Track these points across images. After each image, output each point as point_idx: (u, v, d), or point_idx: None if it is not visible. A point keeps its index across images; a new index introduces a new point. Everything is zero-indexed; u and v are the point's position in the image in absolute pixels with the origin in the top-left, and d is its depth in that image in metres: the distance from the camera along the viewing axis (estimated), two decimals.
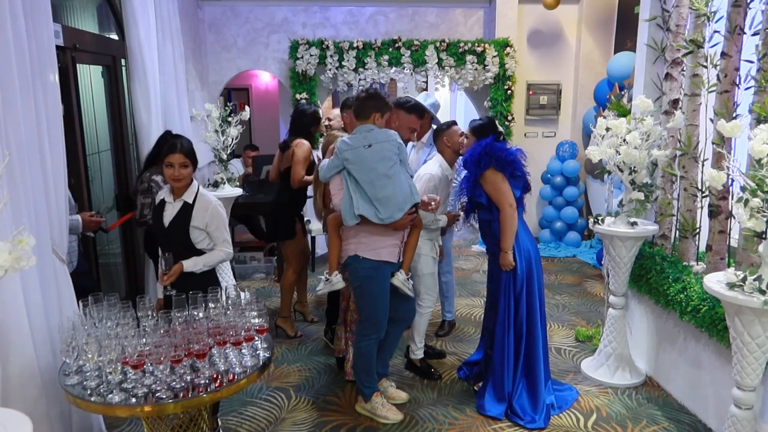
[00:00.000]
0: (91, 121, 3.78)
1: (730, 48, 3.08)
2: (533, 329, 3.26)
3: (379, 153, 2.90)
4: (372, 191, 2.88)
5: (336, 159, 2.98)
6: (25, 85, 2.38)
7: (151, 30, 4.04)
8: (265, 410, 3.39)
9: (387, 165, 2.90)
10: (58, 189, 2.67)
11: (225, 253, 2.81)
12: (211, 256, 2.77)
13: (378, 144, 2.91)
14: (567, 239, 6.78)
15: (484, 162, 3.16)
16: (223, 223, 2.79)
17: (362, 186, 2.89)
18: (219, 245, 2.79)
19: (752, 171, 2.32)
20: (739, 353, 2.46)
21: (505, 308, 3.26)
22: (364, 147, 2.90)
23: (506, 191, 3.16)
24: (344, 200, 2.94)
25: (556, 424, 3.20)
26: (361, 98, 3.04)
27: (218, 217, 2.76)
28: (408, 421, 3.24)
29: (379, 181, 2.88)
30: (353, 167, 2.91)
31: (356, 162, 2.90)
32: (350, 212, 2.91)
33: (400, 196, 2.92)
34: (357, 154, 2.90)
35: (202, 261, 2.74)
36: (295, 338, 4.35)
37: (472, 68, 6.20)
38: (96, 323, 2.26)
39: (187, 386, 2.11)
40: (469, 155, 3.26)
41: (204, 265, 2.75)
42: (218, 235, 2.78)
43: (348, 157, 2.92)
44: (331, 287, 3.13)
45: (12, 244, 1.72)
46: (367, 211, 2.88)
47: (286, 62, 6.23)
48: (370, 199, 2.88)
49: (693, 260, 3.43)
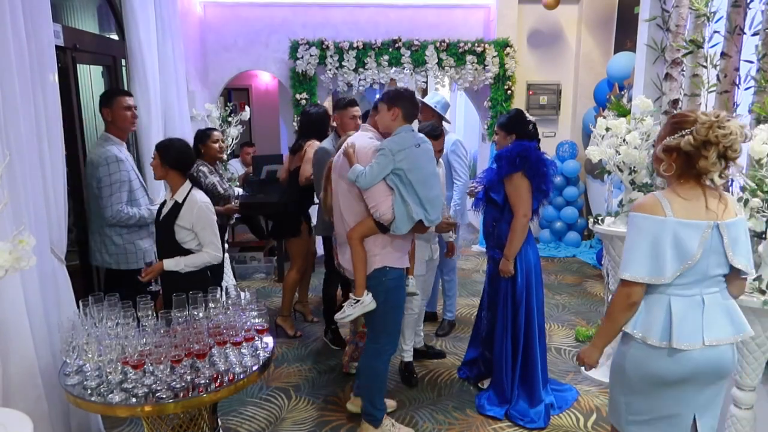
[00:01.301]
0: (91, 121, 3.78)
1: (730, 48, 3.08)
2: (530, 338, 3.25)
3: (428, 152, 2.79)
4: (424, 191, 2.72)
5: (385, 161, 2.67)
6: (25, 85, 2.39)
7: (151, 30, 4.04)
8: (265, 410, 3.39)
9: (433, 165, 2.82)
10: (57, 189, 2.67)
11: (210, 256, 2.79)
12: (194, 258, 2.78)
13: (424, 144, 2.78)
14: (567, 239, 6.78)
15: (518, 164, 3.06)
16: (209, 224, 2.78)
17: (415, 187, 2.70)
18: (205, 247, 2.79)
19: (752, 171, 2.32)
20: (738, 353, 2.46)
21: (504, 315, 3.26)
22: (415, 146, 2.73)
23: (527, 200, 3.09)
24: (397, 206, 2.68)
25: (556, 424, 3.20)
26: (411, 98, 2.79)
27: (204, 219, 2.76)
28: (408, 421, 3.24)
29: (430, 181, 2.76)
30: (406, 168, 2.67)
31: (410, 162, 2.68)
32: (407, 218, 2.69)
33: (440, 199, 2.88)
34: (410, 154, 2.70)
35: (184, 261, 2.76)
36: (294, 338, 4.35)
37: (472, 68, 6.20)
38: (96, 323, 2.26)
39: (187, 386, 2.11)
40: (507, 151, 3.13)
41: (186, 266, 2.76)
42: (204, 237, 2.77)
43: (403, 158, 2.67)
44: (363, 309, 2.79)
45: (12, 244, 1.72)
46: (421, 213, 2.72)
47: (286, 62, 6.23)
48: (421, 202, 2.72)
49: None
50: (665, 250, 1.89)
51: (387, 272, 2.78)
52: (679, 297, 1.93)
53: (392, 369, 3.78)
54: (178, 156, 2.81)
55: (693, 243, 1.88)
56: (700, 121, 1.86)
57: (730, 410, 2.54)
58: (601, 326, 2.10)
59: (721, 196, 1.95)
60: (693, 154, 1.87)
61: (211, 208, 2.81)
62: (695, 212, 1.90)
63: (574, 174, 6.65)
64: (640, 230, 1.92)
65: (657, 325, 1.93)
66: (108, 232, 3.27)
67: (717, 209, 1.91)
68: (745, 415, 2.50)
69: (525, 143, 3.13)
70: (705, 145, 1.85)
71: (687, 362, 1.92)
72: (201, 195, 2.83)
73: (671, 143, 1.91)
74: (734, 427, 2.53)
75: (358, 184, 2.70)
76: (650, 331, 1.94)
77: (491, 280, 3.38)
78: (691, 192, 1.92)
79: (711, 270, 1.92)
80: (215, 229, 2.82)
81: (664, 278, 1.90)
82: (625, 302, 1.96)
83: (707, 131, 1.84)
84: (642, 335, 1.95)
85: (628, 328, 1.99)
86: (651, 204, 1.93)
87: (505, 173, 3.10)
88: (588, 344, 2.16)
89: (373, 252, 2.79)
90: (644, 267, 1.90)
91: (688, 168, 1.91)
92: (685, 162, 1.91)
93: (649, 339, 1.94)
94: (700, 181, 1.93)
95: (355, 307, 2.78)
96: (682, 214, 1.89)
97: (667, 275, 1.89)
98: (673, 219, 1.88)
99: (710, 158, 1.85)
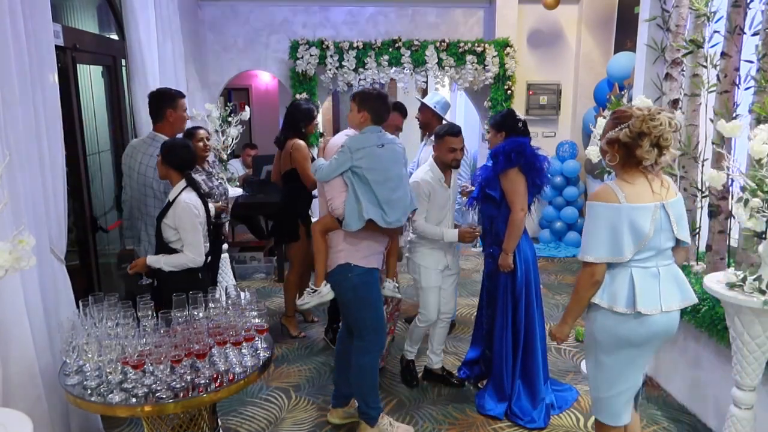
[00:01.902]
0: (91, 121, 3.78)
1: (730, 48, 3.08)
2: (531, 331, 3.26)
3: (392, 154, 2.78)
4: (383, 193, 2.71)
5: (343, 157, 2.73)
6: (25, 86, 2.39)
7: (151, 30, 4.04)
8: (265, 410, 3.39)
9: (398, 167, 2.80)
10: (57, 189, 2.67)
11: (188, 258, 2.79)
12: (174, 258, 2.80)
13: (389, 144, 2.78)
14: (567, 239, 6.78)
15: (514, 159, 3.09)
16: (188, 225, 2.77)
17: (373, 187, 2.71)
18: (185, 248, 2.80)
19: (752, 171, 2.32)
20: (738, 353, 2.47)
21: (503, 310, 3.26)
22: (378, 146, 2.74)
23: (524, 195, 3.13)
24: (349, 203, 2.72)
25: (556, 424, 3.20)
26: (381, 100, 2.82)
27: (182, 219, 2.77)
28: (408, 421, 3.24)
29: (392, 183, 2.75)
30: (365, 166, 2.70)
31: (369, 161, 2.71)
32: (357, 216, 2.69)
33: (407, 200, 2.83)
34: (370, 153, 2.72)
35: (164, 260, 2.80)
36: (297, 338, 4.35)
37: (472, 68, 6.20)
38: (96, 323, 2.26)
39: (187, 386, 2.11)
40: (502, 148, 3.16)
41: (165, 264, 2.79)
42: (185, 237, 2.79)
43: (361, 156, 2.71)
44: (321, 299, 2.87)
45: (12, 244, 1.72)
46: (375, 214, 2.70)
47: (286, 62, 6.22)
48: (379, 202, 2.71)
49: (693, 260, 3.44)
50: (622, 233, 2.13)
51: (352, 269, 2.79)
52: (639, 269, 2.18)
53: (395, 369, 3.78)
54: (177, 155, 2.83)
55: (645, 223, 2.14)
56: (635, 115, 2.13)
57: (730, 410, 2.54)
58: (570, 304, 2.36)
59: (663, 179, 2.22)
60: (631, 144, 2.13)
61: (195, 210, 2.80)
62: (644, 196, 2.16)
63: (574, 174, 6.64)
64: (599, 216, 2.17)
65: (622, 294, 2.18)
66: None
67: (660, 191, 2.18)
68: (745, 415, 2.50)
69: (519, 139, 3.17)
70: (640, 136, 2.11)
71: (650, 326, 2.19)
72: (190, 196, 2.83)
73: (612, 136, 2.18)
74: (734, 427, 2.53)
75: (315, 176, 2.86)
76: (616, 300, 2.19)
77: (490, 276, 3.38)
78: (636, 178, 2.18)
79: (663, 244, 2.19)
80: (197, 232, 2.80)
81: (623, 257, 2.15)
82: (590, 281, 2.21)
83: (641, 124, 2.11)
84: (609, 304, 2.20)
85: (595, 299, 2.23)
86: (606, 192, 2.18)
87: (501, 169, 3.14)
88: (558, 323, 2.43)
89: (337, 247, 2.83)
90: (604, 249, 2.16)
91: (628, 157, 2.17)
92: (625, 152, 2.17)
93: (616, 307, 2.19)
94: (640, 168, 2.17)
95: (312, 297, 2.88)
96: (633, 198, 2.14)
97: (626, 254, 2.14)
98: (626, 205, 2.13)
99: (644, 147, 2.11)
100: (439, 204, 3.30)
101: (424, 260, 3.37)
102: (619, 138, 2.16)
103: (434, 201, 3.27)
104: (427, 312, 3.43)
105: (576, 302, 2.30)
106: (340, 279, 2.83)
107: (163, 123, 3.28)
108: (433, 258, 3.36)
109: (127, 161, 3.28)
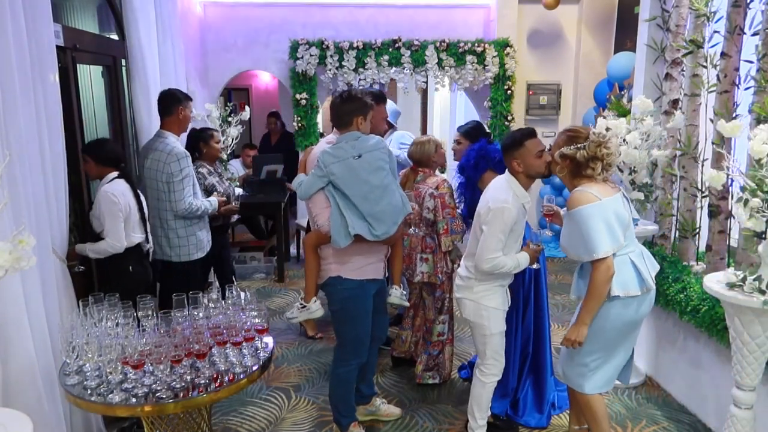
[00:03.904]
0: (91, 121, 3.78)
1: (730, 48, 3.08)
2: (541, 328, 3.24)
3: (372, 163, 2.60)
4: (366, 206, 2.57)
5: (319, 173, 2.62)
6: (25, 86, 2.39)
7: (151, 30, 4.04)
8: (265, 410, 3.39)
9: (380, 176, 2.62)
10: (58, 189, 2.67)
11: (108, 244, 2.93)
12: (96, 245, 2.95)
13: (368, 153, 2.60)
14: None
15: (481, 165, 3.14)
16: (105, 213, 2.91)
17: (354, 202, 2.57)
18: (107, 236, 2.94)
19: (752, 171, 2.32)
20: (738, 353, 2.46)
21: (512, 312, 3.23)
22: (354, 158, 2.58)
23: None
24: (333, 219, 2.59)
25: (556, 424, 3.20)
26: (337, 104, 2.69)
27: (100, 207, 2.92)
28: (408, 420, 3.24)
29: (374, 195, 2.58)
30: (342, 182, 2.58)
31: (346, 175, 2.57)
32: (343, 232, 2.57)
33: (395, 208, 2.67)
34: (346, 167, 2.57)
35: (88, 247, 2.95)
36: (314, 339, 4.34)
37: (472, 68, 6.20)
38: (96, 323, 2.26)
39: (187, 386, 2.11)
40: (465, 160, 3.23)
41: (89, 251, 2.95)
42: (106, 226, 2.93)
43: (335, 171, 2.58)
44: (309, 315, 2.82)
45: (12, 244, 1.72)
46: (361, 228, 2.58)
47: (286, 62, 6.22)
48: (363, 215, 2.58)
49: (693, 260, 3.44)
50: (613, 223, 2.37)
51: (342, 282, 2.73)
52: (632, 253, 2.46)
53: (385, 384, 3.78)
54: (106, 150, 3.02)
55: (623, 210, 2.43)
56: (591, 138, 2.40)
57: (730, 410, 2.54)
58: (587, 304, 2.44)
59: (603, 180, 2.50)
60: (582, 164, 2.42)
61: (114, 198, 2.92)
62: (607, 190, 2.42)
63: None
64: (590, 216, 2.36)
65: (631, 279, 2.42)
66: (174, 225, 3.41)
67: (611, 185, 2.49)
68: (745, 415, 2.50)
69: (475, 145, 3.23)
70: (593, 159, 2.40)
71: (651, 300, 2.51)
72: (112, 185, 2.97)
73: (568, 153, 2.44)
74: (734, 427, 2.53)
75: (298, 194, 2.74)
76: (629, 286, 2.42)
77: None
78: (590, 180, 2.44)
79: (631, 227, 2.49)
80: (115, 218, 2.92)
81: (621, 245, 2.40)
82: (607, 275, 2.38)
83: (596, 149, 2.39)
84: (624, 292, 2.41)
85: (615, 291, 2.41)
86: (583, 196, 2.39)
87: (476, 178, 3.17)
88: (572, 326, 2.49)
89: (328, 260, 2.76)
90: (607, 242, 2.35)
91: (577, 171, 2.46)
92: (574, 167, 2.46)
93: (631, 292, 2.41)
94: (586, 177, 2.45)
95: (301, 312, 2.83)
96: (604, 194, 2.39)
97: (621, 241, 2.39)
98: (605, 199, 2.37)
99: (597, 169, 2.42)
100: (520, 232, 2.68)
101: (492, 301, 2.72)
102: (575, 156, 2.42)
103: (515, 231, 2.64)
104: (497, 362, 2.80)
105: (596, 299, 2.41)
106: (331, 290, 2.80)
107: (172, 118, 3.45)
108: (497, 296, 2.73)
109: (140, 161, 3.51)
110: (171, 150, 3.33)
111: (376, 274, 2.83)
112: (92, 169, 3.04)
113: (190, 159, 3.42)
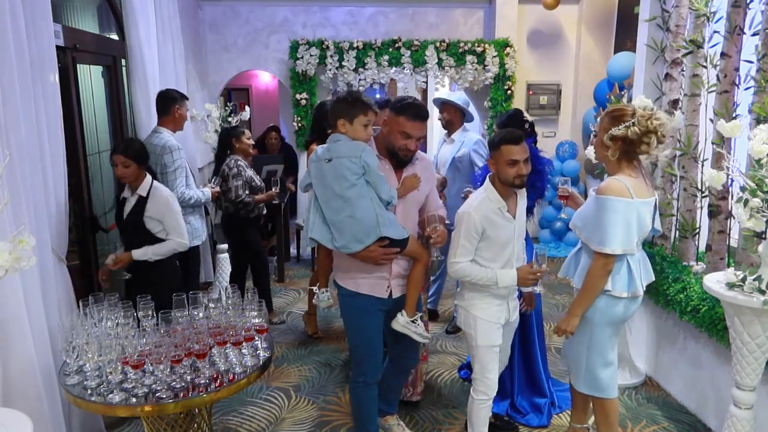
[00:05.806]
0: (91, 121, 3.78)
1: (730, 48, 3.08)
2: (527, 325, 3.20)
3: (337, 170, 2.41)
4: (329, 213, 2.46)
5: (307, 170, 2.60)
6: (25, 86, 2.39)
7: (151, 30, 4.04)
8: (265, 410, 3.39)
9: (343, 185, 2.39)
10: (58, 189, 2.67)
11: (176, 243, 3.03)
12: (161, 246, 3.01)
13: (337, 159, 2.41)
14: (567, 239, 6.78)
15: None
16: (175, 214, 3.03)
17: (320, 204, 2.50)
18: (171, 235, 3.02)
19: (752, 171, 2.32)
20: (738, 353, 2.46)
21: None
22: (325, 161, 2.45)
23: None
24: (305, 218, 2.57)
25: (556, 424, 3.20)
26: (331, 103, 2.62)
27: (171, 209, 3.01)
28: (408, 421, 3.24)
29: (334, 202, 2.43)
30: (314, 182, 2.51)
31: (316, 176, 2.49)
32: (308, 233, 2.53)
33: (360, 225, 2.39)
34: (317, 168, 2.48)
35: (152, 250, 2.99)
36: (313, 338, 4.35)
37: (472, 68, 6.20)
38: (96, 323, 2.26)
39: (187, 386, 2.11)
40: None
41: (153, 254, 2.99)
42: (171, 226, 3.01)
43: (311, 170, 2.52)
44: (317, 302, 2.79)
45: (12, 244, 1.72)
46: (323, 235, 2.48)
47: (286, 62, 6.23)
48: (326, 222, 2.49)
49: (693, 260, 3.44)
50: (632, 226, 2.32)
51: (339, 286, 2.65)
52: (631, 257, 2.42)
53: None
54: (142, 152, 3.03)
55: (648, 217, 2.38)
56: (638, 113, 2.28)
57: (730, 410, 2.54)
58: (581, 296, 2.46)
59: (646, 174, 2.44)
60: (635, 141, 2.30)
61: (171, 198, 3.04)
62: (644, 191, 2.35)
63: (574, 174, 6.64)
64: (616, 211, 2.30)
65: (621, 280, 2.41)
66: None
67: (650, 186, 2.42)
68: (745, 415, 2.50)
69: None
70: (647, 133, 2.28)
71: (637, 302, 2.51)
72: (163, 187, 3.10)
73: (617, 133, 2.31)
74: (734, 427, 2.53)
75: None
76: (616, 286, 2.41)
77: None
78: (635, 172, 2.36)
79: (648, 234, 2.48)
80: (179, 217, 3.05)
81: (632, 249, 2.37)
82: (604, 270, 2.37)
83: (647, 122, 2.27)
84: (610, 290, 2.41)
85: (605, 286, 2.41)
86: (619, 187, 2.31)
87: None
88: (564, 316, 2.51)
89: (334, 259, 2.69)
90: (619, 242, 2.31)
91: (628, 153, 2.34)
92: (626, 148, 2.33)
93: (615, 292, 2.41)
94: (634, 162, 2.36)
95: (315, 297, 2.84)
96: (640, 194, 2.33)
97: (634, 246, 2.37)
98: (637, 200, 2.31)
99: (652, 144, 2.29)
100: (501, 241, 2.49)
101: (481, 311, 2.57)
102: (627, 135, 2.28)
103: (492, 238, 2.47)
104: (484, 379, 2.60)
105: (591, 292, 2.42)
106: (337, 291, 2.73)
107: (168, 117, 3.69)
108: (491, 307, 2.56)
109: None
110: (164, 143, 3.57)
111: (376, 291, 2.57)
112: (132, 173, 2.97)
113: (183, 152, 3.63)
